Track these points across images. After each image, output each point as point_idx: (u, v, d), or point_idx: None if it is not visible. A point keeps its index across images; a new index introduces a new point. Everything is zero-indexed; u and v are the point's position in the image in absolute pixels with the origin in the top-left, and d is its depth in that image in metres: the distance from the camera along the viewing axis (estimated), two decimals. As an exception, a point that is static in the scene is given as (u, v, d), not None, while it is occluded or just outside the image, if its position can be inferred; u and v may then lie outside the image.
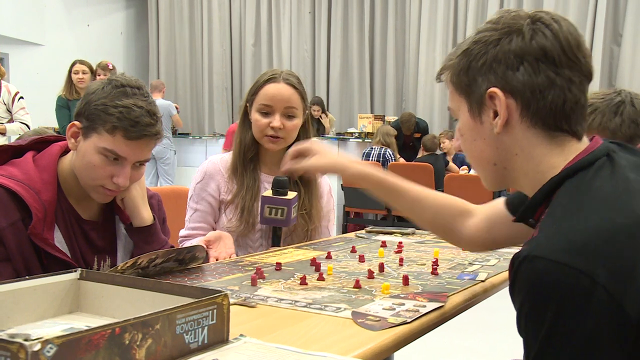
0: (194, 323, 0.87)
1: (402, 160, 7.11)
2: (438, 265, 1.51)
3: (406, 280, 1.34)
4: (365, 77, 8.69)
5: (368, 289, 1.29)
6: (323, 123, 7.76)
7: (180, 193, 2.28)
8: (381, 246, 1.79)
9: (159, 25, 9.94)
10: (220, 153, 2.08)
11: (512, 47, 0.95)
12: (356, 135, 7.80)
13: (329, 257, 1.62)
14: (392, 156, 6.80)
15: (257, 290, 1.26)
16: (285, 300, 1.19)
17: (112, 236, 1.56)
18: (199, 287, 0.97)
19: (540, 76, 0.94)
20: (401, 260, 1.60)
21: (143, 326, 0.80)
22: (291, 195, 1.83)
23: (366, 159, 6.87)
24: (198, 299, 0.89)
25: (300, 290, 1.27)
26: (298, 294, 1.23)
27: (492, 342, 3.67)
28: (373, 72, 8.76)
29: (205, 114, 9.71)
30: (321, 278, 1.36)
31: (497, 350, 3.54)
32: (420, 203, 1.32)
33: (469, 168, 6.78)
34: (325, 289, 1.28)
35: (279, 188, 1.82)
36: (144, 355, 0.80)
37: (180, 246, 1.88)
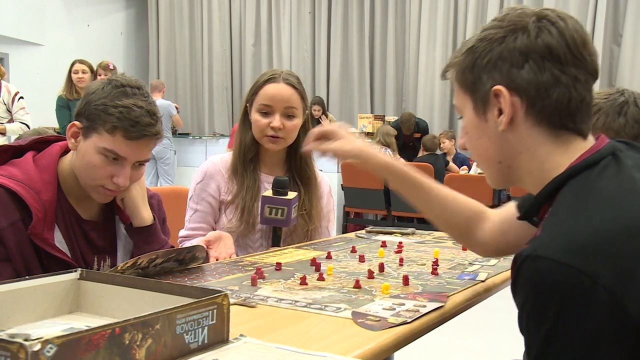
0: (194, 323, 0.87)
1: (402, 160, 7.10)
2: (438, 265, 1.51)
3: (406, 280, 1.34)
4: (365, 77, 8.70)
5: (368, 289, 1.29)
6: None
7: (180, 193, 2.28)
8: (381, 246, 1.79)
9: (159, 25, 9.94)
10: (220, 153, 2.07)
11: (518, 45, 0.94)
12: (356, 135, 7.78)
13: (329, 257, 1.62)
14: (392, 156, 6.79)
15: (257, 290, 1.26)
16: (285, 300, 1.19)
17: (112, 236, 1.56)
18: (199, 287, 0.97)
19: (545, 74, 0.93)
20: (401, 260, 1.60)
21: (143, 326, 0.80)
22: (291, 195, 1.83)
23: (366, 159, 6.86)
24: (198, 299, 0.89)
25: (300, 290, 1.27)
26: (298, 294, 1.23)
27: (492, 342, 3.67)
28: (373, 72, 8.76)
29: (205, 114, 9.72)
30: (321, 278, 1.36)
31: (497, 350, 3.54)
32: (440, 201, 1.30)
33: (469, 168, 6.78)
34: (325, 289, 1.28)
35: (279, 188, 1.82)
36: (144, 355, 0.80)
37: (180, 246, 1.88)
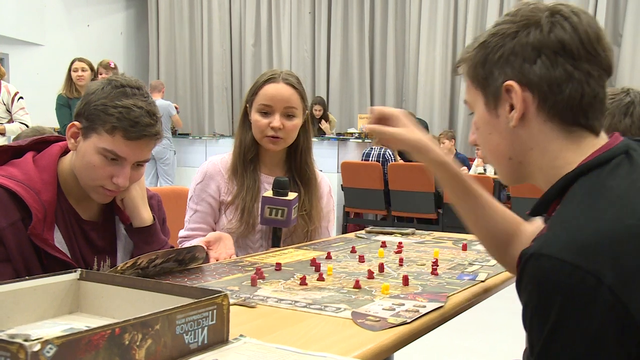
0: (194, 323, 0.87)
1: (402, 160, 7.10)
2: (438, 265, 1.51)
3: (406, 280, 1.34)
4: (365, 77, 8.70)
5: (368, 289, 1.29)
6: (323, 129, 7.75)
7: (180, 193, 2.28)
8: (381, 246, 1.79)
9: (159, 25, 9.95)
10: (220, 153, 2.07)
11: (530, 40, 0.93)
12: (356, 135, 7.79)
13: (329, 258, 1.62)
14: (392, 156, 6.80)
15: (257, 290, 1.26)
16: (285, 300, 1.19)
17: (112, 236, 1.57)
18: (199, 288, 0.97)
19: (558, 69, 0.92)
20: (401, 260, 1.60)
21: (143, 326, 0.80)
22: (291, 195, 1.83)
23: (366, 159, 6.87)
24: (198, 300, 0.89)
25: (300, 290, 1.27)
26: (298, 294, 1.23)
27: (492, 342, 3.67)
28: (373, 72, 8.76)
29: (205, 114, 9.72)
30: (321, 278, 1.36)
31: (497, 350, 3.54)
32: (486, 210, 1.24)
33: (469, 168, 6.78)
34: (325, 289, 1.28)
35: (280, 189, 1.82)
36: (144, 355, 0.80)
37: (179, 247, 1.87)
